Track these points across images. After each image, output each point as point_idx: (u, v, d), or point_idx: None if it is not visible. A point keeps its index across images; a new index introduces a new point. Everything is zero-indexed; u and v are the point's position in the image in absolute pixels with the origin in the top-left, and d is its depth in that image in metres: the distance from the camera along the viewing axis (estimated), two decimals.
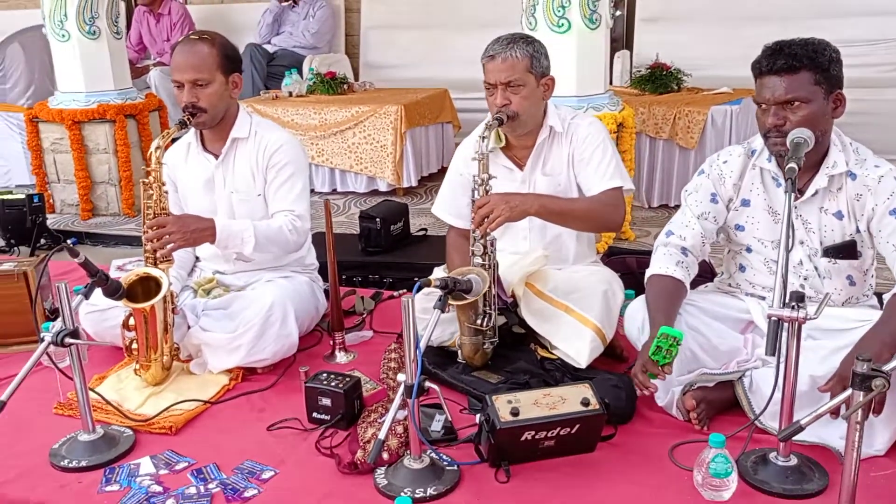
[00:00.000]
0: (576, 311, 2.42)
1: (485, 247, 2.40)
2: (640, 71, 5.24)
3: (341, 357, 2.73)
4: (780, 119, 2.09)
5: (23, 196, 4.45)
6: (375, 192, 5.18)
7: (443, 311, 2.11)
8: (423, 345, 1.97)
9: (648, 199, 4.65)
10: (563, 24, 3.70)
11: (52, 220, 4.91)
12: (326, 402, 2.27)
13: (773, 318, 1.79)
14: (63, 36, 4.81)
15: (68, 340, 2.11)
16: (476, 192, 2.44)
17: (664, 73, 5.01)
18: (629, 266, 3.16)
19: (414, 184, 5.13)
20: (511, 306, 2.56)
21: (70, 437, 2.24)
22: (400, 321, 2.99)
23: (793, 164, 1.94)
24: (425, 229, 3.91)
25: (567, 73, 3.71)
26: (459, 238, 2.69)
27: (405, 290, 3.33)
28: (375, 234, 3.67)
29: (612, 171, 2.54)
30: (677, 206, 2.52)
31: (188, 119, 2.59)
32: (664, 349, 2.02)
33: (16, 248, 4.51)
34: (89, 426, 2.21)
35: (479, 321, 2.37)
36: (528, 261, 2.56)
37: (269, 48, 6.66)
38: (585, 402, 2.03)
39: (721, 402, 2.22)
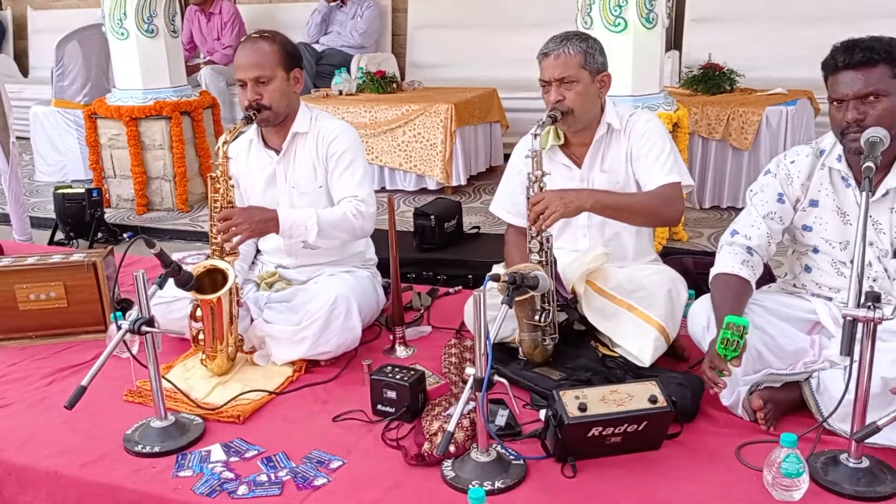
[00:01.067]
0: (639, 310, 2.42)
1: (541, 244, 2.41)
2: (691, 71, 5.21)
3: (401, 351, 2.76)
4: (861, 114, 2.07)
5: (82, 190, 4.56)
6: (424, 191, 5.22)
7: (510, 307, 2.14)
8: (493, 338, 1.99)
9: (700, 201, 4.62)
10: (619, 24, 3.71)
11: (108, 215, 5.02)
12: (392, 394, 2.30)
13: (849, 318, 1.77)
14: (122, 34, 4.92)
15: (145, 329, 2.17)
16: (530, 190, 2.46)
17: (717, 73, 4.97)
18: (686, 266, 3.14)
19: (463, 182, 5.16)
20: (571, 303, 2.57)
21: (143, 424, 2.29)
22: (455, 317, 3.06)
23: (870, 163, 1.93)
24: (478, 227, 3.93)
25: (623, 73, 3.72)
26: (518, 236, 2.71)
27: (460, 287, 3.35)
28: (430, 231, 3.70)
29: (670, 166, 2.54)
30: (730, 208, 2.52)
31: (253, 115, 2.64)
32: (731, 341, 2.02)
33: (75, 241, 4.62)
34: (162, 413, 2.27)
35: (536, 317, 2.38)
36: (588, 258, 2.57)
37: (318, 47, 6.75)
38: (653, 400, 2.03)
39: (788, 403, 2.21)
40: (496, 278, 2.13)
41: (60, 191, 4.56)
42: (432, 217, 3.68)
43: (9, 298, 2.90)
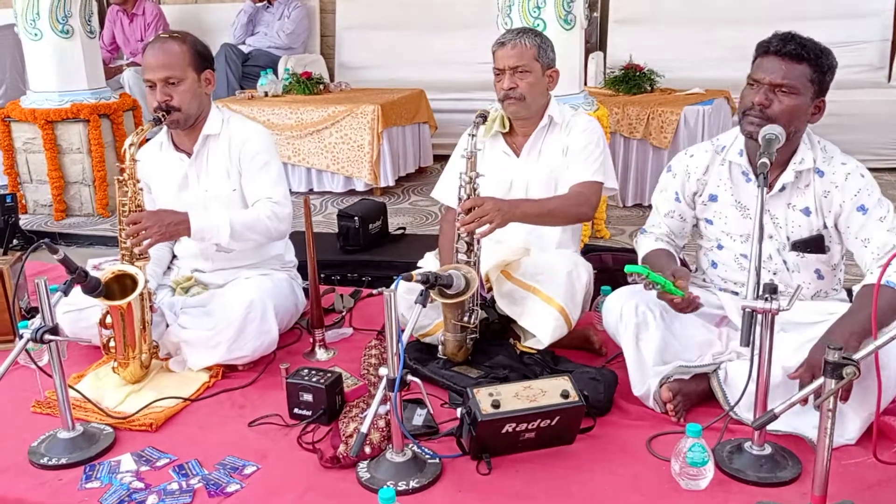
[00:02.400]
0: (542, 292, 2.48)
1: (469, 244, 2.43)
2: (613, 72, 5.30)
3: (321, 354, 2.74)
4: (768, 101, 2.13)
5: None
6: (352, 192, 5.19)
7: (423, 306, 2.14)
8: (405, 339, 1.99)
9: (623, 199, 4.70)
10: (538, 25, 3.74)
11: (24, 221, 4.86)
12: (308, 397, 2.28)
13: (748, 310, 1.83)
14: (35, 35, 4.76)
15: (48, 337, 2.10)
16: (462, 190, 2.47)
17: (637, 73, 5.07)
18: (605, 262, 3.21)
19: (391, 183, 5.15)
20: (490, 301, 2.59)
21: (49, 435, 2.22)
22: (379, 319, 3.05)
23: (765, 160, 1.99)
24: (403, 228, 3.93)
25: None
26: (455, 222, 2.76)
27: (384, 289, 3.33)
28: (354, 232, 3.68)
29: (596, 168, 2.64)
30: (651, 206, 2.57)
31: (162, 117, 2.59)
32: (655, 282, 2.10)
33: None
34: (69, 424, 2.20)
35: (465, 318, 2.39)
36: (506, 251, 2.60)
37: (244, 48, 6.65)
38: (565, 395, 2.06)
39: (697, 395, 2.27)
40: (408, 278, 2.13)
41: None
42: (356, 218, 3.66)
43: None
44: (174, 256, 2.95)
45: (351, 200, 5.11)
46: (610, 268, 3.13)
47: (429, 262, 2.81)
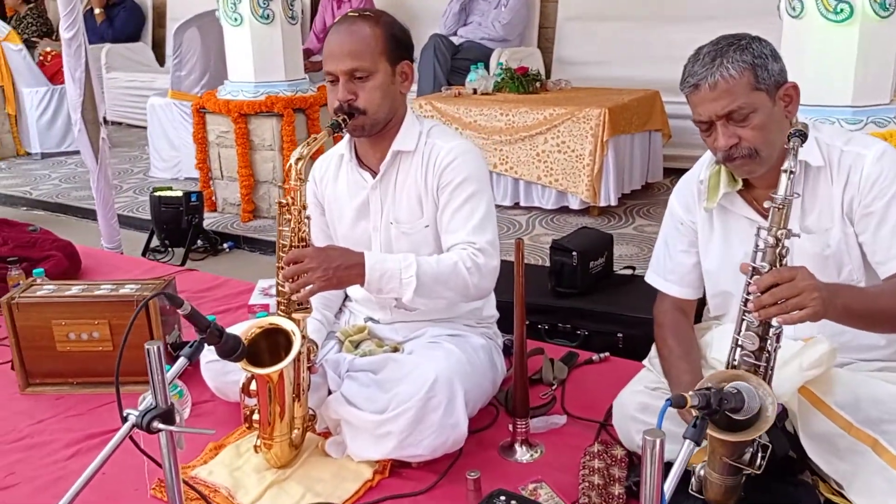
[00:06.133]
0: (892, 452, 1.56)
1: (763, 337, 1.57)
2: None
3: (523, 453, 2.01)
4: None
5: (180, 193, 4.07)
6: (565, 210, 4.43)
7: (698, 444, 1.34)
8: (670, 487, 1.21)
9: None
10: (841, 10, 2.77)
11: (212, 220, 4.55)
12: None
13: None
14: (236, 20, 4.41)
15: (157, 426, 1.53)
16: (760, 256, 1.59)
17: None
18: None
19: (613, 203, 4.31)
20: (779, 418, 1.72)
21: None
22: (600, 401, 2.27)
23: None
24: (632, 268, 3.11)
25: (842, 76, 2.80)
26: (677, 314, 1.93)
27: (608, 354, 2.55)
28: (570, 271, 2.90)
29: None
30: None
31: (343, 121, 1.96)
32: None
33: (170, 250, 4.16)
34: None
35: (746, 457, 1.55)
36: (805, 356, 1.71)
37: (455, 40, 6.06)
38: None
39: None
40: (683, 403, 1.33)
41: (157, 193, 4.10)
42: (574, 254, 2.88)
43: (46, 336, 2.38)
44: (346, 297, 2.34)
45: (562, 220, 4.37)
46: None
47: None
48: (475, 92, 4.92)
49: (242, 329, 1.87)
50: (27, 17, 8.14)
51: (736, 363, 1.60)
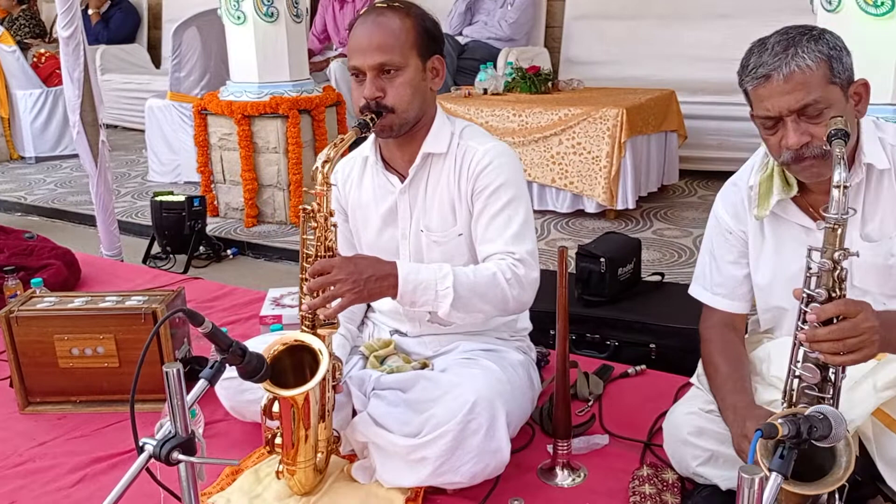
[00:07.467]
0: None
1: (824, 365, 1.42)
2: None
3: (564, 477, 1.87)
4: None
5: (182, 198, 3.91)
6: (580, 213, 4.29)
7: (786, 477, 1.20)
8: None
9: None
10: (882, 3, 2.65)
11: (214, 225, 4.40)
12: None
13: None
14: (238, 18, 4.26)
15: (177, 457, 1.38)
16: (813, 281, 1.44)
17: None
18: None
19: (631, 206, 4.17)
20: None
21: None
22: (639, 417, 2.14)
23: None
24: (661, 274, 2.97)
25: (882, 73, 2.67)
26: (725, 330, 1.78)
27: (644, 367, 2.42)
28: (598, 278, 2.76)
29: None
30: None
31: (371, 121, 1.81)
32: None
33: (172, 257, 4.00)
34: None
35: (825, 497, 1.40)
36: (879, 375, 1.57)
37: (461, 39, 5.93)
38: None
39: None
40: (774, 433, 1.19)
41: (158, 198, 3.94)
42: (602, 260, 2.75)
43: (47, 352, 2.23)
44: (369, 306, 2.20)
45: (578, 224, 4.24)
46: None
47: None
48: (485, 92, 4.78)
49: (263, 345, 1.72)
50: (20, 19, 7.98)
51: (794, 393, 1.46)
